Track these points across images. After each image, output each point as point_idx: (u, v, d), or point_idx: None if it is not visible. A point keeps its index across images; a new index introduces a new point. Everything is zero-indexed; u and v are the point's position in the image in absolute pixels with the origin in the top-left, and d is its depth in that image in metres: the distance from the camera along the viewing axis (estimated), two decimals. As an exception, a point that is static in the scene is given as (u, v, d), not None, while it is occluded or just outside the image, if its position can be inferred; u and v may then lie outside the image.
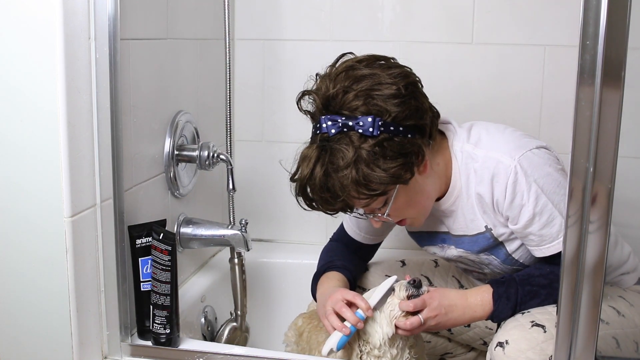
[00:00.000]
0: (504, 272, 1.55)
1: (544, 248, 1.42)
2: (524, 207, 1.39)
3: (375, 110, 1.32)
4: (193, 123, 1.81)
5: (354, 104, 1.32)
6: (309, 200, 1.40)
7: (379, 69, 1.36)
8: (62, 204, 1.31)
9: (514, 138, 1.45)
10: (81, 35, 1.31)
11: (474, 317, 1.42)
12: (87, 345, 1.40)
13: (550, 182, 1.39)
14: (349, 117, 1.32)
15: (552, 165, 1.41)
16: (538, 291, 1.39)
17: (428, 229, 1.59)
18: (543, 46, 1.97)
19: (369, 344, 1.41)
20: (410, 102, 1.34)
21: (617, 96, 1.05)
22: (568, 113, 1.08)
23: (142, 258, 1.49)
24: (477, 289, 1.44)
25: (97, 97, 1.36)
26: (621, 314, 1.47)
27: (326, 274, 1.60)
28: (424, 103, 1.39)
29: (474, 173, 1.44)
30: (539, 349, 1.31)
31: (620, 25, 1.03)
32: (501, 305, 1.39)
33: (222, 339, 1.87)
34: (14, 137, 1.31)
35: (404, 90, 1.33)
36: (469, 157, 1.44)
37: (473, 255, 1.54)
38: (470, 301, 1.41)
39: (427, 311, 1.37)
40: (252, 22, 2.13)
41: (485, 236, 1.49)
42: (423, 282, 1.41)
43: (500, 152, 1.41)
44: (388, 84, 1.33)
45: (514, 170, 1.38)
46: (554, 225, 1.40)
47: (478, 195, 1.44)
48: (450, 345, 1.79)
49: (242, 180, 2.11)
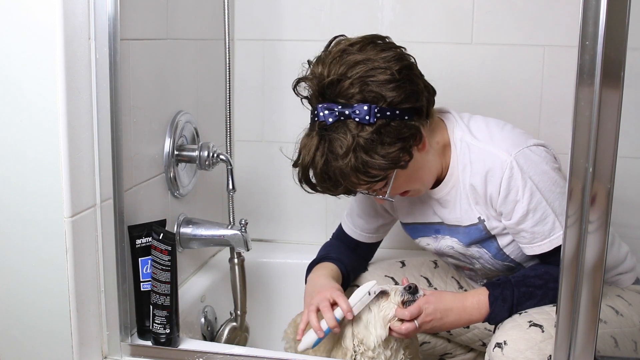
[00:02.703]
0: (494, 268, 1.56)
1: (535, 246, 1.43)
2: (519, 203, 1.39)
3: (370, 97, 1.32)
4: (193, 123, 1.81)
5: (350, 92, 1.32)
6: (311, 185, 1.42)
7: (373, 52, 1.35)
8: (62, 204, 1.31)
9: (512, 135, 1.45)
10: (81, 35, 1.31)
11: (470, 320, 1.42)
12: (87, 345, 1.40)
13: (545, 180, 1.39)
14: (345, 106, 1.33)
15: (548, 163, 1.41)
16: (534, 292, 1.40)
17: (422, 220, 1.59)
18: (542, 46, 1.97)
19: (363, 344, 1.41)
20: (406, 86, 1.34)
21: (616, 96, 1.05)
22: (568, 113, 1.08)
23: (142, 258, 1.49)
24: (473, 291, 1.44)
25: (97, 97, 1.36)
26: (619, 313, 1.47)
27: (321, 263, 1.62)
28: (419, 84, 1.38)
29: (470, 164, 1.44)
30: (537, 348, 1.31)
31: (619, 26, 1.03)
32: (497, 307, 1.39)
33: (222, 339, 1.87)
34: (14, 138, 1.31)
35: (398, 75, 1.33)
36: (467, 147, 1.45)
37: (464, 248, 1.54)
38: (467, 304, 1.41)
39: (423, 316, 1.37)
40: (252, 22, 2.13)
41: (477, 228, 1.49)
42: (421, 283, 1.41)
43: (497, 147, 1.41)
44: (382, 69, 1.33)
45: (510, 166, 1.38)
46: (547, 224, 1.40)
47: (472, 187, 1.45)
48: (450, 346, 1.79)
49: (242, 180, 2.11)
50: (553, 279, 1.38)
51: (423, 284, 1.72)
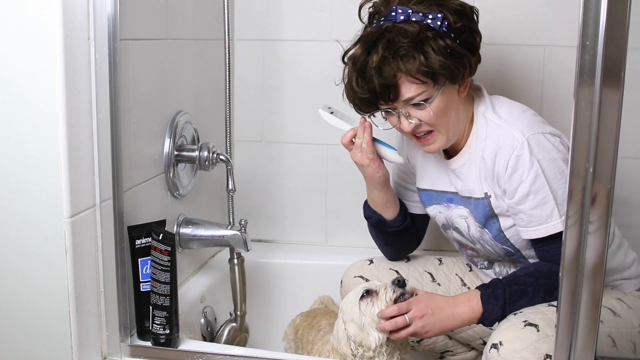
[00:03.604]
0: (493, 250, 1.57)
1: (531, 230, 1.45)
2: (522, 183, 1.42)
3: (442, 14, 1.40)
4: (193, 123, 1.81)
5: (425, 4, 1.41)
6: (359, 75, 1.43)
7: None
8: (61, 205, 1.31)
9: (531, 119, 1.48)
10: (81, 35, 1.31)
11: (463, 320, 1.43)
12: (86, 346, 1.40)
13: (552, 167, 1.41)
14: (418, 12, 1.40)
15: (560, 153, 1.43)
16: (525, 289, 1.41)
17: (437, 187, 1.62)
18: (543, 46, 1.97)
19: (362, 346, 1.40)
20: (471, 24, 1.45)
21: (616, 96, 1.05)
22: (568, 113, 1.08)
23: (142, 258, 1.49)
24: (465, 293, 1.46)
25: (96, 97, 1.36)
26: (617, 314, 1.48)
27: None
28: (478, 34, 1.48)
29: (485, 139, 1.48)
30: (532, 348, 1.31)
31: (619, 26, 1.03)
32: (490, 306, 1.40)
33: (221, 340, 1.87)
34: (14, 138, 1.31)
35: (468, 11, 1.45)
36: (486, 122, 1.49)
37: (474, 222, 1.56)
38: (459, 304, 1.42)
39: (414, 311, 1.38)
40: (252, 22, 2.13)
41: (483, 203, 1.51)
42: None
43: (513, 127, 1.45)
44: (453, 1, 1.44)
45: (521, 145, 1.41)
46: (546, 209, 1.41)
47: (482, 159, 1.48)
48: (451, 343, 1.79)
49: (242, 181, 2.11)
50: (543, 276, 1.41)
51: (427, 280, 1.73)
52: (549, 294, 1.40)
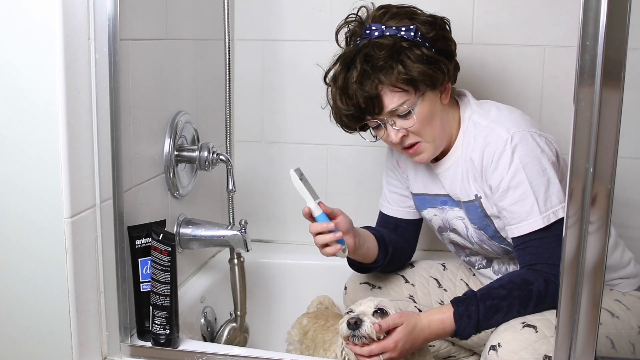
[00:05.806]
0: (491, 250, 1.57)
1: (514, 227, 1.45)
2: (503, 179, 1.43)
3: (415, 25, 1.46)
4: (193, 123, 1.81)
5: (397, 19, 1.47)
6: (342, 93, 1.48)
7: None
8: (61, 205, 1.31)
9: (519, 118, 1.50)
10: (81, 35, 1.31)
11: (438, 336, 1.42)
12: (86, 346, 1.40)
13: (534, 165, 1.42)
14: (391, 26, 1.46)
15: (544, 152, 1.44)
16: (499, 304, 1.39)
17: (430, 191, 1.63)
18: (543, 47, 1.97)
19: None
20: (443, 33, 1.50)
21: (616, 97, 1.05)
22: (568, 113, 1.08)
23: (142, 259, 1.49)
24: (438, 309, 1.43)
25: (96, 97, 1.36)
26: (615, 316, 1.48)
27: None
28: (452, 41, 1.53)
29: (473, 140, 1.50)
30: (531, 348, 1.31)
31: (619, 26, 1.03)
32: (463, 325, 1.39)
33: (221, 340, 1.87)
34: (14, 137, 1.31)
35: (439, 21, 1.50)
36: (474, 126, 1.51)
37: (470, 223, 1.56)
38: (432, 325, 1.39)
39: (391, 353, 1.34)
40: (252, 22, 2.13)
41: (474, 205, 1.52)
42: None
43: (499, 125, 1.47)
44: (423, 14, 1.50)
45: (504, 142, 1.44)
46: (525, 205, 1.42)
47: (471, 161, 1.50)
48: (454, 349, 1.79)
49: (242, 181, 2.10)
50: (517, 287, 1.40)
51: (433, 286, 1.74)
52: (523, 307, 1.38)
